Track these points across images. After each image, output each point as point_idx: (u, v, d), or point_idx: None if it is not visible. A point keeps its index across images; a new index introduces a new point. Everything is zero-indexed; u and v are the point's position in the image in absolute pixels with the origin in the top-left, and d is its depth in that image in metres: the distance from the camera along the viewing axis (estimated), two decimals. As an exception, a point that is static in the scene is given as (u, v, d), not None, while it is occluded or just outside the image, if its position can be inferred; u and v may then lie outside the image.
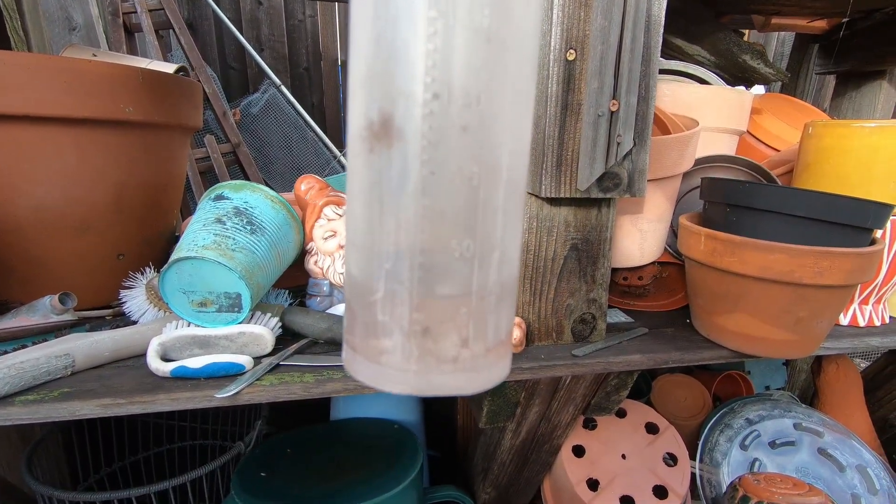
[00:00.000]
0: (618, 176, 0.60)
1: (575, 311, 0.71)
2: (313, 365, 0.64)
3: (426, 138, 0.22)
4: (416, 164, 0.23)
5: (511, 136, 0.24)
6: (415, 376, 0.25)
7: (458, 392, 0.26)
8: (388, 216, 0.24)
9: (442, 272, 0.24)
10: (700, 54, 1.02)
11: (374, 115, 0.23)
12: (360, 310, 0.26)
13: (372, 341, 0.26)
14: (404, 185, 0.23)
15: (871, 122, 0.77)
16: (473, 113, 0.22)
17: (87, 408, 0.55)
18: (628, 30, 0.54)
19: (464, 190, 0.23)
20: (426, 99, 0.22)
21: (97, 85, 0.69)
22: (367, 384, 0.26)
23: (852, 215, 0.62)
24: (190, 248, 0.61)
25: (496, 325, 0.26)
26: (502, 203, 0.25)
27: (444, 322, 0.25)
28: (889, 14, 1.08)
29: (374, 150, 0.24)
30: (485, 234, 0.24)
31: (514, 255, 0.26)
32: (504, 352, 0.28)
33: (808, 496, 0.69)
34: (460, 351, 0.25)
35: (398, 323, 0.25)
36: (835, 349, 0.76)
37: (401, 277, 0.24)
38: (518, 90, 0.24)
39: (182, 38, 2.38)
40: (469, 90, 0.22)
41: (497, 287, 0.26)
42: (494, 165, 0.24)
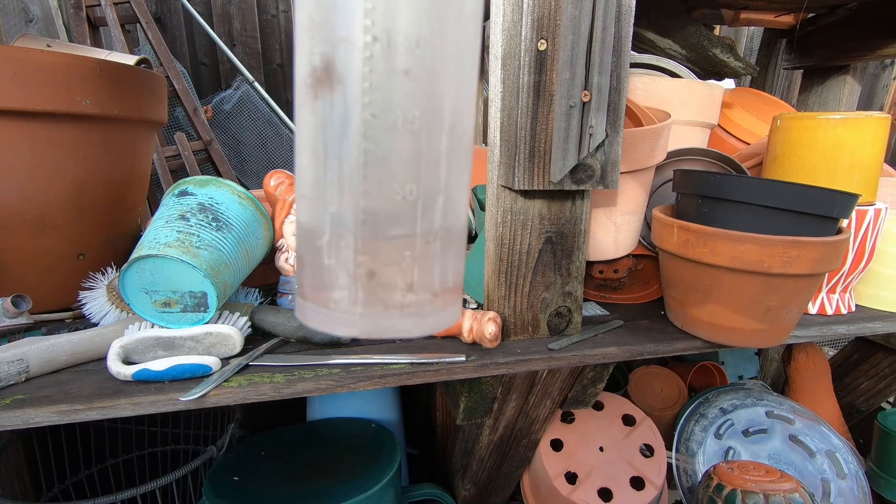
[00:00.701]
0: (591, 167, 0.60)
1: (550, 305, 0.70)
2: (284, 365, 0.62)
3: (367, 81, 0.23)
4: (357, 108, 0.23)
5: (454, 83, 0.25)
6: (361, 319, 0.26)
7: (405, 335, 0.26)
8: (331, 161, 0.24)
9: (385, 215, 0.25)
10: (672, 48, 1.02)
11: (317, 60, 0.24)
12: (308, 256, 0.27)
13: (320, 286, 0.26)
14: (346, 130, 0.24)
15: (836, 115, 0.79)
16: (414, 57, 0.23)
17: (42, 415, 0.52)
18: (599, 19, 0.53)
19: (405, 134, 0.24)
20: (366, 42, 0.22)
21: (51, 76, 0.66)
22: (318, 328, 0.26)
23: (820, 205, 0.63)
24: (151, 245, 0.58)
25: (442, 271, 0.27)
26: (445, 149, 0.25)
27: (390, 265, 0.25)
28: (851, 10, 1.11)
29: (318, 95, 0.24)
30: (428, 178, 0.25)
31: (460, 201, 0.27)
32: (452, 299, 0.28)
33: (780, 482, 0.70)
34: (406, 295, 0.26)
35: (344, 266, 0.25)
36: (804, 337, 0.78)
37: (345, 221, 0.25)
38: (460, 38, 0.24)
39: (149, 32, 2.31)
40: (409, 34, 0.23)
41: (442, 231, 0.26)
42: (437, 111, 0.24)
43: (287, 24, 3.15)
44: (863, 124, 0.77)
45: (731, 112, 1.14)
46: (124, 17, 2.31)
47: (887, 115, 0.78)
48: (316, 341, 0.67)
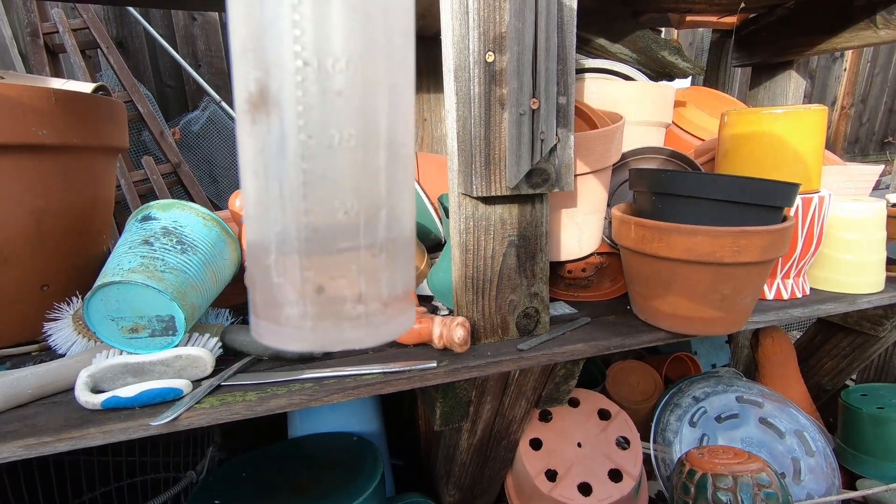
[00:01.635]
0: (545, 171, 0.62)
1: (518, 307, 0.72)
2: (257, 383, 0.63)
3: (300, 104, 0.24)
4: (293, 130, 0.24)
5: (388, 98, 0.26)
6: (312, 332, 0.26)
7: (358, 345, 0.27)
8: (272, 182, 0.25)
9: (328, 231, 0.26)
10: (623, 52, 1.06)
11: (252, 86, 0.24)
12: (257, 275, 0.27)
13: (270, 303, 0.27)
14: (284, 151, 0.24)
15: (777, 109, 0.83)
16: (345, 77, 0.24)
17: (9, 450, 0.51)
18: (542, 30, 0.56)
19: (342, 152, 0.25)
20: (297, 66, 0.23)
21: (3, 108, 0.65)
22: (271, 345, 0.27)
23: (763, 196, 0.67)
24: (115, 272, 0.58)
25: (390, 281, 0.28)
26: (384, 163, 0.26)
27: (336, 279, 0.26)
28: (789, 9, 1.17)
29: (256, 120, 0.25)
30: (368, 193, 0.26)
31: (403, 212, 0.28)
32: (402, 307, 0.29)
33: (747, 463, 0.73)
34: (355, 306, 0.27)
35: (291, 282, 0.26)
36: (762, 322, 0.81)
37: (290, 239, 0.26)
38: (390, 54, 0.25)
39: (111, 57, 2.29)
40: (338, 56, 0.24)
41: (387, 243, 0.27)
42: (372, 127, 0.25)
43: (252, 43, 3.14)
44: (802, 117, 0.82)
45: (684, 110, 1.19)
46: (84, 42, 2.28)
47: (824, 108, 0.83)
48: (288, 357, 0.67)
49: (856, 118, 4.33)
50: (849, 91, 4.26)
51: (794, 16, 1.15)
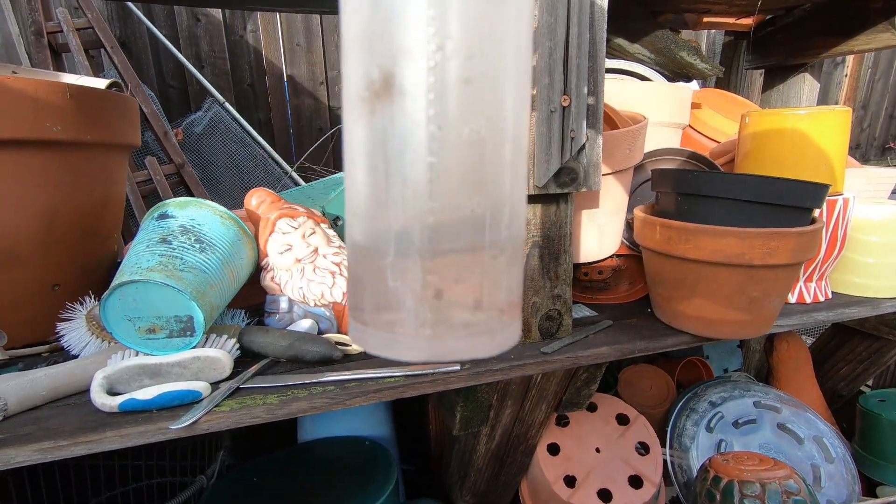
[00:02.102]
0: (573, 171, 0.61)
1: (541, 309, 0.71)
2: (276, 385, 0.61)
3: (432, 92, 0.22)
4: (422, 120, 0.22)
5: (514, 89, 0.23)
6: (428, 342, 0.24)
7: (474, 355, 0.25)
8: (394, 178, 0.23)
9: (453, 231, 0.23)
10: (641, 53, 1.06)
11: (375, 73, 0.22)
12: (368, 278, 0.25)
13: (383, 309, 0.25)
14: (409, 144, 0.22)
15: (800, 110, 0.82)
16: (476, 64, 0.22)
17: (24, 454, 0.50)
18: (574, 26, 0.55)
19: (471, 145, 0.23)
20: (430, 51, 0.21)
21: (18, 103, 0.64)
22: (380, 355, 0.25)
23: (794, 197, 0.65)
24: (133, 271, 0.57)
25: (509, 284, 0.26)
26: (510, 157, 0.24)
27: (458, 283, 0.24)
28: (806, 11, 1.16)
29: (376, 110, 0.23)
30: (495, 189, 0.24)
31: (522, 211, 0.26)
32: (516, 313, 0.27)
33: (774, 470, 0.72)
34: (474, 313, 0.25)
35: (410, 287, 0.24)
36: (786, 326, 0.80)
37: (411, 239, 0.23)
38: (518, 41, 0.23)
39: (115, 57, 2.27)
40: (471, 42, 0.22)
41: (508, 243, 0.25)
42: (500, 120, 0.23)
43: (256, 44, 3.14)
44: (826, 118, 0.81)
45: (699, 112, 1.18)
46: (88, 42, 2.27)
47: (847, 109, 0.82)
48: (307, 360, 0.66)
49: (856, 124, 4.34)
50: (850, 96, 4.27)
51: (810, 18, 1.14)
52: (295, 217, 0.73)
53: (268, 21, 3.10)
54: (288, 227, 0.72)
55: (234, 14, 3.04)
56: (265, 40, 3.15)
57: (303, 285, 0.71)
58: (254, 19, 3.10)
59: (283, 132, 3.23)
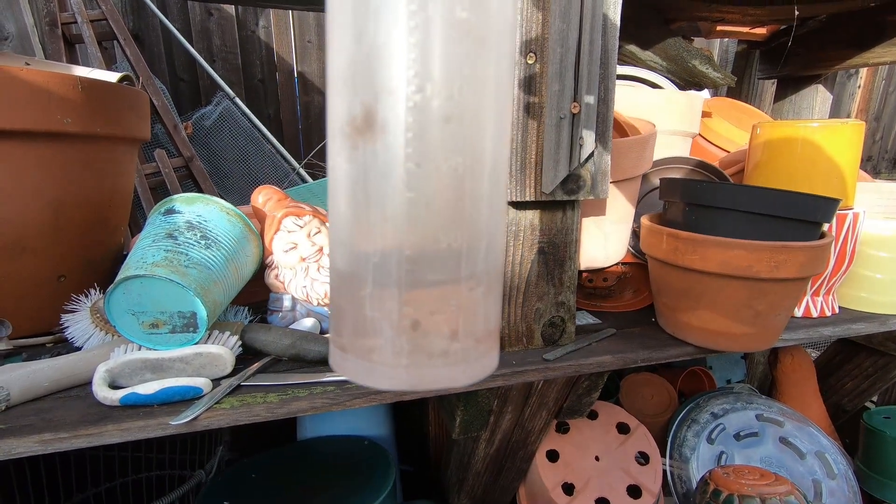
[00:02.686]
0: (581, 178, 0.61)
1: (544, 315, 0.70)
2: (277, 384, 0.61)
3: (410, 130, 0.23)
4: (401, 157, 0.23)
5: (493, 126, 0.24)
6: (406, 371, 0.25)
7: (451, 384, 0.26)
8: (373, 210, 0.24)
9: (430, 264, 0.24)
10: (652, 60, 1.05)
11: (357, 109, 0.23)
12: (348, 307, 0.26)
13: (361, 336, 0.25)
14: (389, 179, 0.23)
15: (813, 122, 0.81)
16: (455, 104, 0.23)
17: (25, 445, 0.50)
18: (586, 33, 0.54)
19: (449, 181, 0.24)
20: (409, 92, 0.22)
21: (30, 94, 0.64)
22: (359, 382, 0.26)
23: (804, 210, 0.65)
24: (139, 265, 0.57)
25: (485, 315, 0.26)
26: (487, 192, 0.25)
27: (434, 315, 0.25)
28: (821, 22, 1.15)
29: (358, 146, 0.24)
30: (472, 224, 0.25)
31: (500, 243, 0.27)
32: (493, 344, 0.28)
33: (775, 485, 0.71)
34: (450, 343, 0.25)
35: (388, 317, 0.25)
36: (792, 340, 0.79)
37: (389, 271, 0.24)
38: (498, 81, 0.24)
39: (128, 49, 2.28)
40: (451, 82, 0.22)
41: (485, 276, 0.26)
42: (479, 155, 0.24)
43: (267, 40, 3.15)
44: (839, 131, 0.80)
45: (710, 121, 1.17)
46: (101, 34, 2.28)
47: (861, 122, 0.81)
48: (309, 359, 0.66)
49: (869, 135, 4.30)
50: (862, 108, 4.24)
51: (825, 29, 1.13)
52: (301, 216, 0.73)
53: (280, 17, 3.12)
54: (294, 225, 0.72)
55: (246, 10, 3.05)
56: (277, 36, 3.16)
57: (306, 284, 0.71)
58: (266, 15, 3.11)
59: (292, 128, 3.24)
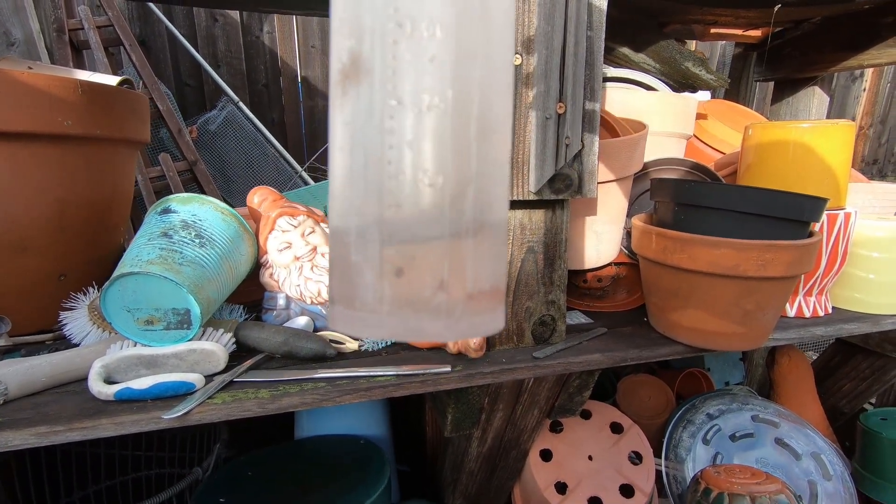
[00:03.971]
0: (568, 177, 0.61)
1: (534, 314, 0.71)
2: (269, 380, 0.62)
3: (389, 68, 0.23)
4: (381, 95, 0.23)
5: (482, 70, 0.24)
6: (389, 318, 0.24)
7: (437, 338, 0.25)
8: (357, 152, 0.24)
9: (412, 208, 0.24)
10: (646, 62, 1.06)
11: (345, 56, 0.24)
12: (336, 256, 0.26)
13: (346, 285, 0.25)
14: (371, 119, 0.23)
15: (803, 123, 0.82)
16: (438, 43, 0.23)
17: (20, 437, 0.51)
18: (571, 34, 0.55)
19: (430, 120, 0.23)
20: (389, 29, 0.23)
21: (32, 97, 0.66)
22: (343, 331, 0.26)
23: (790, 210, 0.65)
24: (134, 263, 0.58)
25: (476, 269, 0.25)
26: (475, 136, 0.24)
27: (417, 261, 0.24)
28: (815, 24, 1.15)
29: (346, 91, 0.24)
30: (456, 166, 0.24)
31: (496, 195, 0.26)
32: (489, 305, 0.26)
33: (766, 484, 0.71)
34: (437, 293, 0.24)
35: (370, 263, 0.24)
36: (783, 339, 0.79)
37: (370, 213, 0.24)
38: (487, 27, 0.24)
39: (133, 54, 2.32)
40: (433, 20, 0.22)
41: (474, 225, 0.25)
42: (464, 97, 0.24)
43: (272, 45, 3.18)
44: (829, 132, 0.80)
45: (705, 123, 1.17)
46: (107, 39, 2.32)
47: (852, 123, 0.81)
48: (301, 356, 0.67)
49: (874, 138, 4.28)
50: (868, 111, 4.22)
51: (820, 31, 1.14)
52: (295, 215, 0.74)
53: (284, 23, 3.15)
54: (288, 225, 0.74)
55: (251, 15, 3.09)
56: (281, 42, 3.19)
57: (300, 283, 0.72)
58: (270, 21, 3.15)
59: (295, 132, 3.27)
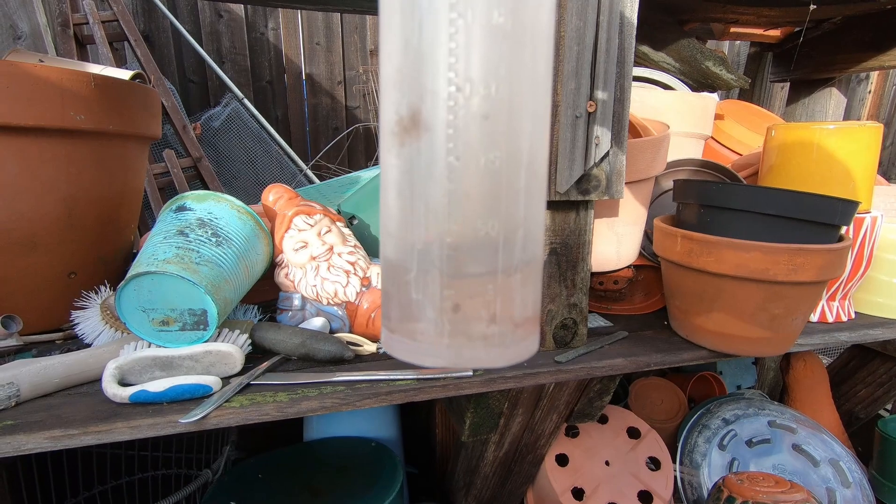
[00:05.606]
0: (596, 178, 0.60)
1: (556, 317, 0.70)
2: (287, 383, 0.60)
3: (451, 127, 0.25)
4: (442, 153, 0.25)
5: (530, 121, 0.26)
6: (447, 349, 0.27)
7: (490, 365, 0.28)
8: (418, 202, 0.26)
9: (469, 251, 0.26)
10: (665, 61, 1.04)
11: (404, 110, 0.25)
12: (395, 291, 0.28)
13: (407, 319, 0.28)
14: (432, 173, 0.25)
15: (829, 125, 0.80)
16: (492, 102, 0.25)
17: (34, 441, 0.50)
18: (603, 31, 0.54)
19: (487, 174, 0.25)
20: (450, 92, 0.24)
21: (44, 91, 0.64)
22: (405, 359, 0.28)
23: (822, 213, 0.64)
24: (150, 262, 0.57)
25: (523, 301, 0.28)
26: (524, 185, 0.27)
27: (474, 298, 0.27)
28: (836, 24, 1.14)
29: (405, 143, 0.26)
30: (508, 214, 0.26)
31: (537, 234, 0.28)
32: (532, 329, 0.30)
33: (791, 493, 0.70)
34: (489, 326, 0.27)
35: (431, 300, 0.27)
36: (807, 345, 0.78)
37: (431, 257, 0.26)
38: (535, 81, 0.26)
39: (138, 50, 2.30)
40: (488, 82, 0.24)
41: (522, 264, 0.28)
42: (515, 150, 0.26)
43: (276, 42, 3.17)
44: (856, 133, 0.79)
45: (722, 123, 1.16)
46: (112, 34, 2.30)
47: (879, 125, 0.80)
48: (319, 359, 0.65)
49: (880, 141, 4.26)
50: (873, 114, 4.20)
51: (840, 31, 1.12)
52: (311, 214, 0.73)
53: (289, 20, 3.13)
54: (304, 224, 0.72)
55: (255, 12, 3.07)
56: (286, 38, 3.18)
57: (316, 283, 0.71)
58: (275, 17, 3.13)
59: (299, 130, 3.25)
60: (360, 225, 0.87)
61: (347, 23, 3.15)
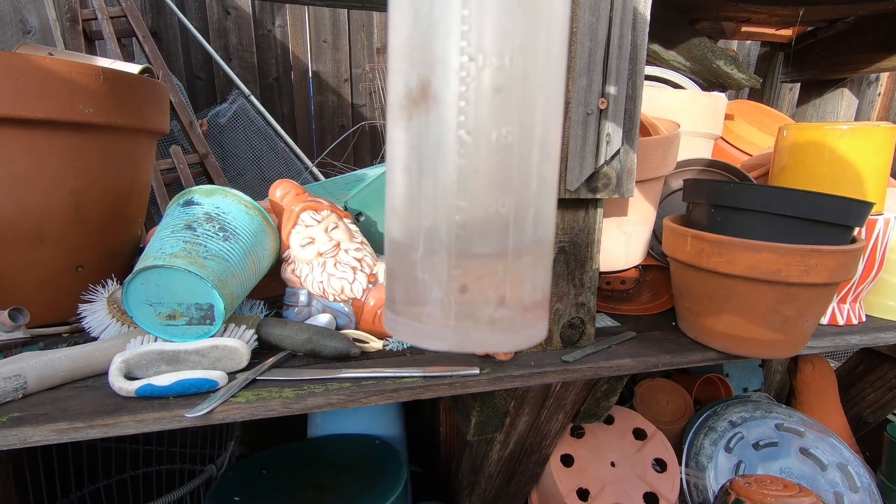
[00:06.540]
0: (607, 176, 0.59)
1: (563, 316, 0.69)
2: (293, 379, 0.60)
3: (462, 100, 0.24)
4: (453, 126, 0.24)
5: (544, 95, 0.25)
6: (454, 332, 0.26)
7: (497, 348, 0.26)
8: (426, 178, 0.25)
9: (478, 229, 0.25)
10: (676, 60, 1.03)
11: (413, 82, 0.24)
12: (400, 271, 0.27)
13: (412, 300, 0.27)
14: (441, 148, 0.24)
15: (843, 125, 0.79)
16: (506, 74, 0.23)
17: (41, 434, 0.49)
18: (616, 27, 0.53)
19: (498, 149, 0.24)
20: (462, 62, 0.23)
21: (53, 84, 0.64)
22: (410, 342, 0.27)
23: (836, 214, 0.63)
24: (157, 256, 0.57)
25: (532, 285, 0.27)
26: (537, 161, 0.25)
27: (482, 279, 0.25)
28: (848, 24, 1.12)
29: (413, 116, 0.25)
30: (520, 191, 0.25)
31: (549, 215, 0.27)
32: (541, 314, 0.28)
33: (799, 497, 0.69)
34: (498, 309, 0.26)
35: (437, 280, 0.26)
36: (818, 348, 0.77)
37: (439, 236, 0.25)
38: (549, 54, 0.24)
39: (146, 46, 2.31)
40: (501, 52, 0.23)
41: (533, 245, 0.26)
42: (528, 125, 0.25)
43: (283, 39, 3.17)
44: (871, 134, 0.78)
45: (731, 124, 1.15)
46: (120, 30, 2.31)
47: (893, 126, 0.79)
48: (325, 355, 0.65)
49: (889, 144, 4.23)
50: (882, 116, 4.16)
51: (853, 31, 1.11)
52: (319, 210, 0.72)
53: (296, 17, 3.13)
54: (311, 219, 0.72)
55: (263, 9, 3.07)
56: (292, 36, 3.18)
57: (323, 279, 0.70)
58: (282, 14, 3.13)
59: (305, 127, 3.25)
60: (367, 221, 0.86)
61: (354, 20, 3.15)
